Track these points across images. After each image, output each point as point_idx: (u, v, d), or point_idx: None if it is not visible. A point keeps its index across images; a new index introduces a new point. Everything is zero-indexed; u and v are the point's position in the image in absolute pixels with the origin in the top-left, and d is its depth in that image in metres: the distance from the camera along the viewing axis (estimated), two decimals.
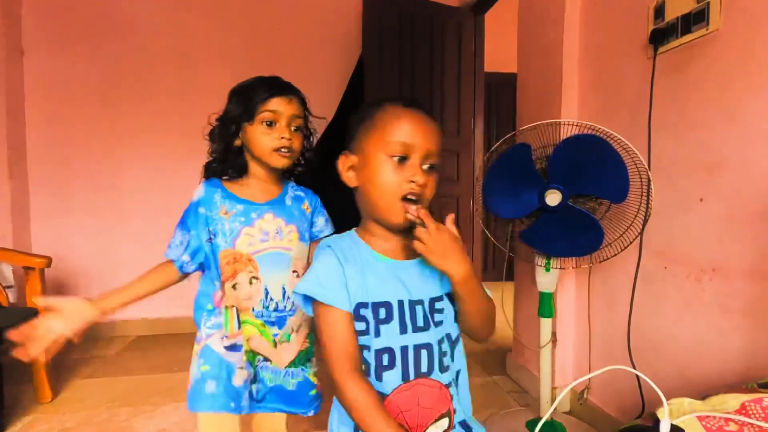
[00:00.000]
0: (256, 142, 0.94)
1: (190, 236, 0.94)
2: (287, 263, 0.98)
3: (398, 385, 0.67)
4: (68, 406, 1.75)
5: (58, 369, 1.87)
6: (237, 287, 0.95)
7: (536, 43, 1.82)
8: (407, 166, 0.67)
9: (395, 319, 0.68)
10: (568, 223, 1.30)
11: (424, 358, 0.69)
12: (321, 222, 1.07)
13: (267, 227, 0.97)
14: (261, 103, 0.93)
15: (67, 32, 2.52)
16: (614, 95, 1.49)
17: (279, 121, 0.94)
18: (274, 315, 0.97)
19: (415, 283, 0.70)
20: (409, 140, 0.67)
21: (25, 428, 1.59)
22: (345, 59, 2.80)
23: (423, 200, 0.68)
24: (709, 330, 1.17)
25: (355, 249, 0.71)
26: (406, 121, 0.68)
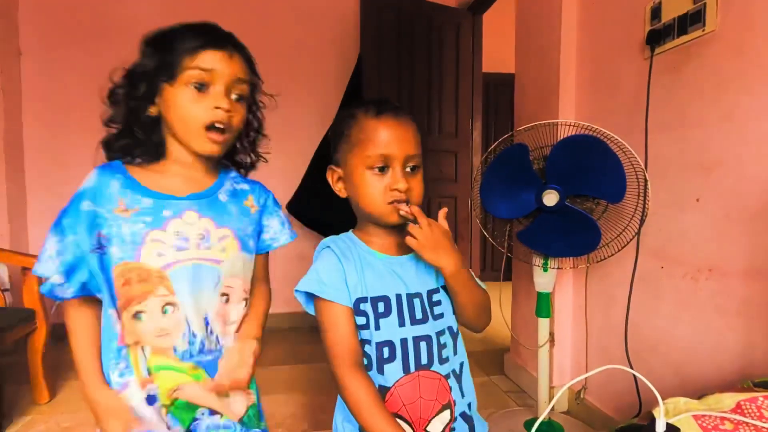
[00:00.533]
0: (179, 111, 0.68)
1: (64, 244, 0.66)
2: (214, 281, 0.71)
3: (400, 378, 0.69)
4: (66, 406, 1.75)
5: (55, 370, 1.86)
6: (142, 318, 0.67)
7: (534, 43, 1.82)
8: (388, 175, 0.70)
9: (394, 312, 0.70)
10: (566, 223, 1.30)
11: (423, 350, 0.70)
12: (275, 226, 0.81)
13: (186, 230, 0.70)
14: (188, 56, 0.67)
15: (64, 33, 2.51)
16: (611, 96, 1.50)
17: (214, 84, 0.68)
18: (202, 357, 0.71)
19: (411, 277, 0.73)
20: (386, 151, 0.69)
21: (23, 429, 1.59)
22: (344, 60, 2.80)
23: (412, 200, 0.71)
24: (706, 329, 1.17)
25: (353, 247, 0.73)
26: (379, 132, 0.69)
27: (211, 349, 0.72)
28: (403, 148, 0.70)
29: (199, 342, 0.71)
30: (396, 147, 0.69)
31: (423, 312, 0.72)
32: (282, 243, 0.83)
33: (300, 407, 1.72)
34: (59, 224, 0.67)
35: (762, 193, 1.03)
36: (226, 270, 0.73)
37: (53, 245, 0.67)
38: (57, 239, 0.67)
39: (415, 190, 0.71)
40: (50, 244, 0.67)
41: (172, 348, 0.69)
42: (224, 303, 0.74)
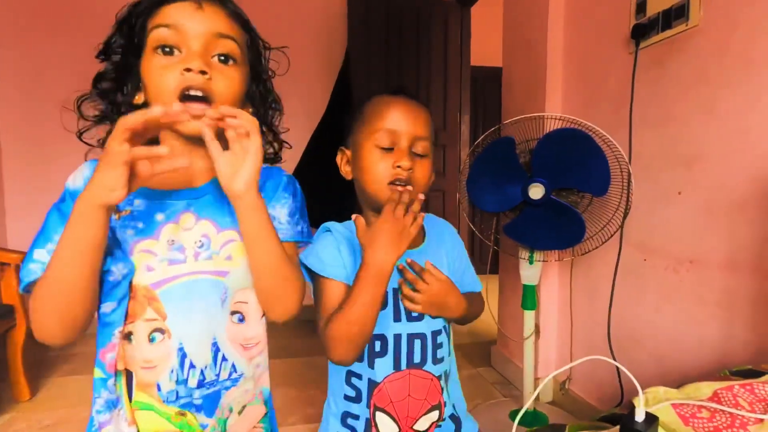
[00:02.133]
0: (150, 84, 0.55)
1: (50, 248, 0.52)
2: (221, 298, 0.59)
3: (390, 373, 0.68)
4: (47, 404, 1.72)
5: (36, 367, 1.83)
6: (132, 340, 0.57)
7: (521, 37, 1.82)
8: (394, 153, 0.68)
9: (390, 306, 0.69)
10: (551, 216, 1.31)
11: (417, 348, 0.69)
12: (279, 214, 0.63)
13: (182, 238, 0.58)
14: (150, 15, 0.55)
15: (39, 21, 2.43)
16: (597, 89, 1.51)
17: (185, 44, 0.54)
18: (200, 394, 0.58)
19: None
20: (394, 127, 0.68)
21: (4, 427, 1.55)
22: (331, 56, 2.77)
23: (414, 186, 0.68)
24: (687, 320, 1.20)
25: (351, 235, 0.71)
26: (390, 109, 0.69)
27: (218, 379, 0.59)
28: (412, 126, 0.68)
29: (198, 374, 0.58)
30: (405, 124, 0.68)
31: None
32: (285, 238, 0.62)
33: (288, 400, 1.72)
34: (45, 229, 0.55)
35: (742, 186, 1.05)
36: (234, 282, 0.59)
37: (43, 254, 0.53)
38: (48, 247, 0.53)
39: (419, 173, 0.69)
40: (39, 252, 0.53)
41: (156, 385, 0.57)
42: (238, 323, 0.61)
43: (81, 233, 0.48)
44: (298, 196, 0.67)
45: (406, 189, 0.67)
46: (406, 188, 0.67)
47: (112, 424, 0.58)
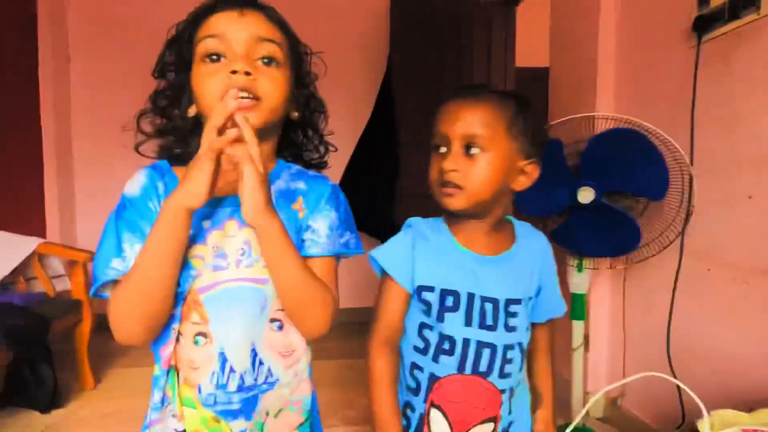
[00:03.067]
0: (199, 92, 0.58)
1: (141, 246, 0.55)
2: (261, 305, 0.60)
3: (453, 373, 0.68)
4: (108, 393, 1.84)
5: (99, 358, 1.96)
6: (180, 341, 0.59)
7: (569, 35, 1.75)
8: (444, 155, 0.67)
9: (462, 309, 0.68)
10: (602, 221, 1.25)
11: (485, 357, 0.68)
12: (320, 227, 0.63)
13: (225, 244, 0.59)
14: (197, 29, 0.59)
15: (109, 39, 2.64)
16: (654, 87, 1.42)
17: (230, 50, 0.56)
18: (238, 398, 0.59)
19: (490, 281, 0.69)
20: (443, 129, 0.67)
21: (71, 413, 1.68)
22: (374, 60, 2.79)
23: (466, 188, 0.65)
24: (757, 337, 1.09)
25: (436, 233, 0.71)
26: (443, 113, 0.68)
27: (256, 384, 0.61)
28: (461, 126, 0.65)
29: (238, 378, 0.59)
30: (452, 126, 0.66)
31: (494, 319, 0.68)
32: (322, 252, 0.62)
33: (328, 402, 1.74)
34: (118, 235, 0.58)
35: None
36: (274, 291, 0.60)
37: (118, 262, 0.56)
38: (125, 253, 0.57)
39: (467, 173, 0.64)
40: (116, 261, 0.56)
41: (197, 387, 0.59)
42: (277, 331, 0.62)
43: (167, 235, 0.53)
44: (342, 206, 0.67)
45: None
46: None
47: (161, 420, 0.60)
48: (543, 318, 0.77)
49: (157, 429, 0.60)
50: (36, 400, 1.62)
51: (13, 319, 1.52)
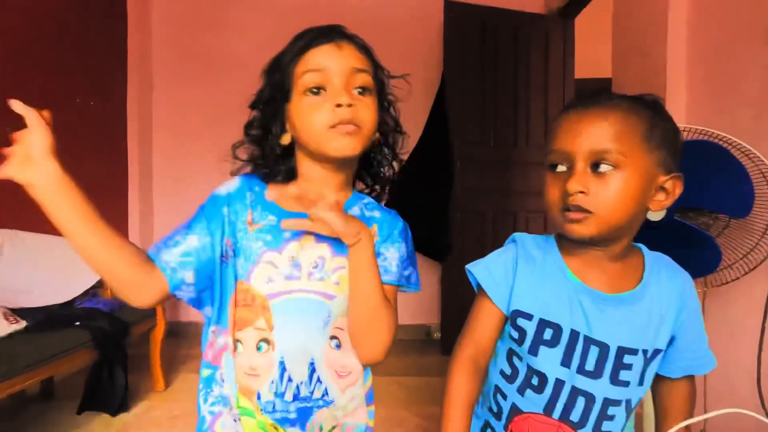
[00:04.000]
0: (301, 123, 0.61)
1: (199, 240, 0.59)
2: (325, 320, 0.61)
3: (538, 412, 0.61)
4: (177, 396, 1.97)
5: (169, 362, 2.11)
6: (239, 348, 0.61)
7: (634, 44, 1.67)
8: (567, 175, 0.57)
9: (561, 347, 0.60)
10: (676, 240, 1.15)
11: (579, 406, 0.59)
12: (391, 257, 0.65)
13: (300, 255, 0.61)
14: (296, 64, 0.61)
15: (187, 69, 2.92)
16: (732, 95, 1.30)
17: (330, 83, 0.60)
18: (294, 407, 0.61)
19: (601, 322, 0.59)
20: (563, 146, 0.57)
21: (143, 412, 1.82)
22: (429, 77, 2.83)
23: (595, 212, 0.55)
24: None
25: (544, 254, 0.64)
26: (562, 126, 0.59)
27: (311, 397, 0.61)
28: (586, 141, 0.55)
29: (294, 388, 0.60)
30: (577, 141, 0.56)
31: (598, 366, 0.59)
32: (391, 280, 0.64)
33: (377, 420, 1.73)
34: (195, 218, 0.62)
35: None
36: (338, 308, 0.62)
37: (181, 237, 0.60)
38: (187, 230, 0.60)
39: (600, 195, 0.55)
40: (180, 237, 0.60)
41: (257, 394, 0.60)
42: (335, 349, 0.63)
43: (52, 217, 0.54)
44: (410, 242, 0.68)
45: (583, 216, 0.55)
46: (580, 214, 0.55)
47: (224, 416, 0.63)
48: (678, 373, 0.64)
49: (224, 421, 0.62)
50: (107, 404, 1.76)
51: (100, 322, 1.69)
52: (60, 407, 1.83)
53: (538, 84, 2.67)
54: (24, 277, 1.77)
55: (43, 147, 0.49)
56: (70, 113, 2.30)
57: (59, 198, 0.51)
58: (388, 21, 2.86)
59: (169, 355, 2.08)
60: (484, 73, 2.59)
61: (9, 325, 1.47)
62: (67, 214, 0.51)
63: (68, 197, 0.51)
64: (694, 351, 0.64)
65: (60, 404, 1.85)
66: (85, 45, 2.41)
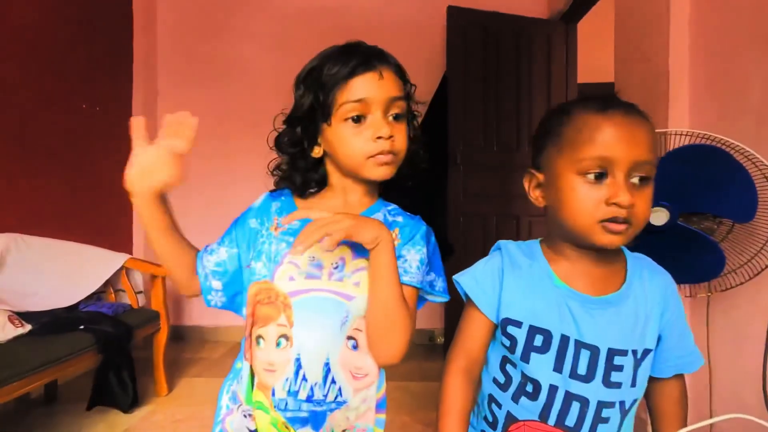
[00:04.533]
0: (342, 149, 0.64)
1: (227, 252, 0.68)
2: (342, 320, 0.63)
3: (533, 419, 0.61)
4: (180, 400, 1.97)
5: (172, 366, 2.11)
6: (261, 344, 0.64)
7: (636, 48, 1.67)
8: (606, 185, 0.55)
9: (552, 352, 0.60)
10: (679, 245, 1.15)
11: (574, 410, 0.60)
12: (412, 259, 0.65)
13: (322, 256, 0.64)
14: (338, 90, 0.62)
15: (192, 75, 2.94)
16: (736, 99, 1.30)
17: (370, 111, 0.63)
18: (307, 407, 0.62)
19: (590, 325, 0.60)
20: (607, 153, 0.55)
21: (147, 416, 1.82)
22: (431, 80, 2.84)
23: (634, 223, 0.56)
24: None
25: (530, 260, 0.64)
26: (602, 130, 0.56)
27: (325, 400, 0.62)
28: (631, 151, 0.54)
29: (308, 389, 0.61)
30: (621, 149, 0.54)
31: (590, 369, 0.60)
32: (410, 281, 0.64)
33: None
34: (226, 235, 0.70)
35: None
36: (356, 309, 0.63)
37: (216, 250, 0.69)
38: (218, 246, 0.70)
39: (639, 207, 0.55)
40: (215, 246, 0.70)
41: (272, 390, 0.62)
42: (351, 350, 0.64)
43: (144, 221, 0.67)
44: (432, 246, 0.69)
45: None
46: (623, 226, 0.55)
47: (234, 413, 0.66)
48: (668, 373, 0.65)
49: (233, 419, 0.66)
50: (119, 402, 1.78)
51: (104, 326, 1.70)
52: (64, 411, 1.83)
53: (540, 88, 2.68)
54: (29, 280, 1.78)
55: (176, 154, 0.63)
56: (76, 118, 2.32)
57: (154, 205, 0.64)
58: (391, 26, 2.88)
59: (172, 359, 2.08)
60: (487, 78, 2.60)
61: (14, 328, 1.48)
62: (155, 220, 0.65)
63: (160, 207, 0.65)
64: (681, 349, 0.65)
65: (64, 408, 1.86)
66: (91, 50, 2.44)
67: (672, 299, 0.65)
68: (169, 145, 0.62)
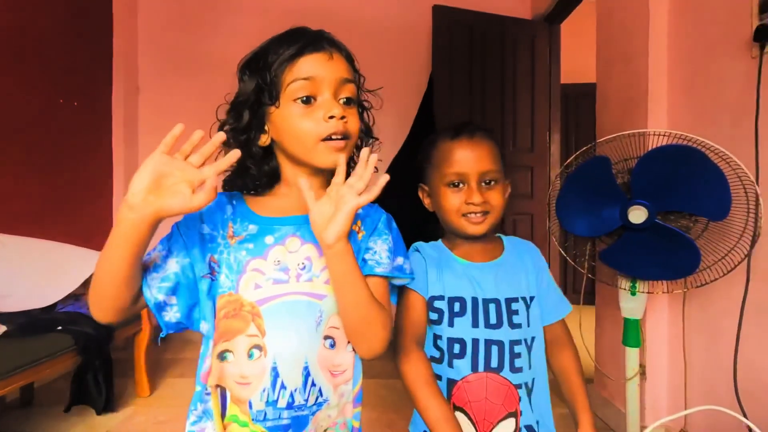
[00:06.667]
0: (290, 131, 0.61)
1: (178, 263, 0.60)
2: (317, 321, 0.61)
3: (468, 374, 0.73)
4: (162, 401, 1.94)
5: (154, 367, 2.08)
6: (227, 358, 0.60)
7: (617, 50, 1.71)
8: (464, 191, 0.77)
9: (468, 313, 0.75)
10: (657, 242, 1.18)
11: (494, 353, 0.74)
12: (380, 249, 0.64)
13: (287, 259, 0.61)
14: (284, 69, 0.60)
15: (173, 71, 2.88)
16: (711, 101, 1.34)
17: (320, 92, 0.60)
18: (288, 414, 0.60)
19: (488, 284, 0.77)
20: (461, 169, 0.76)
21: (128, 418, 1.79)
22: (416, 81, 2.85)
23: (492, 211, 0.77)
24: None
25: (437, 252, 0.81)
26: (454, 152, 0.77)
27: (306, 404, 0.61)
28: (477, 165, 0.76)
29: (288, 396, 0.60)
30: (470, 164, 0.76)
31: (498, 317, 0.75)
32: (384, 272, 0.64)
33: (368, 422, 1.73)
34: (171, 243, 0.61)
35: None
36: (329, 307, 0.62)
37: (164, 265, 0.60)
38: (165, 257, 0.60)
39: (492, 201, 0.77)
40: (160, 260, 0.60)
41: (248, 402, 0.59)
42: (329, 348, 0.63)
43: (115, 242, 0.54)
44: (395, 232, 0.69)
45: None
46: None
47: (207, 430, 0.62)
48: (551, 319, 0.83)
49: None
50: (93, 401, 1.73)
51: (83, 326, 1.66)
52: (40, 414, 1.79)
53: (524, 87, 2.71)
54: (4, 281, 1.73)
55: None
56: (52, 113, 2.26)
57: (148, 230, 0.52)
58: (376, 25, 2.88)
59: (154, 360, 2.04)
60: (472, 77, 2.62)
61: None
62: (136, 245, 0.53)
63: (150, 233, 0.53)
64: (553, 297, 0.83)
65: (40, 410, 1.81)
66: (70, 45, 2.38)
67: (539, 261, 0.84)
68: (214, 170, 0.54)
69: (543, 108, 2.74)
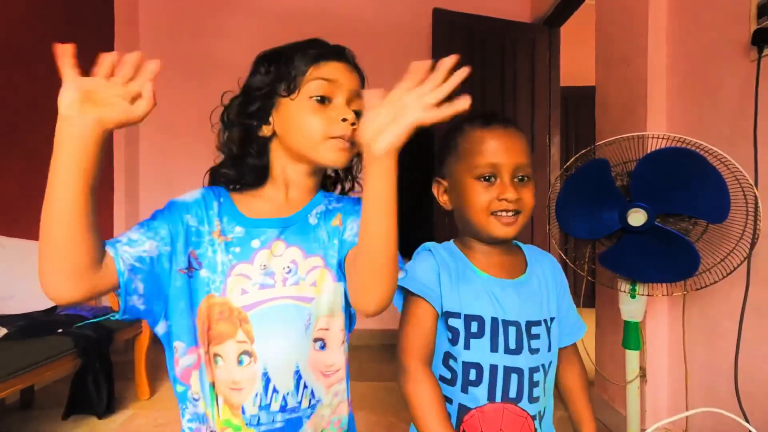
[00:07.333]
0: (299, 124, 0.61)
1: (158, 248, 0.56)
2: (305, 325, 0.61)
3: (485, 403, 0.66)
4: (162, 404, 1.93)
5: (155, 370, 2.08)
6: (219, 362, 0.59)
7: (616, 53, 1.71)
8: (496, 185, 0.68)
9: (487, 335, 0.67)
10: (656, 245, 1.18)
11: (513, 382, 0.67)
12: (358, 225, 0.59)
13: (273, 264, 0.61)
14: (310, 66, 0.62)
15: (174, 72, 2.89)
16: (710, 104, 1.35)
17: (336, 96, 0.62)
18: (282, 417, 0.60)
19: (511, 303, 0.69)
20: (494, 159, 0.68)
21: (127, 421, 1.78)
22: None
23: (523, 211, 0.69)
24: None
25: (453, 258, 0.72)
26: (487, 142, 0.69)
27: (300, 407, 0.61)
28: (512, 156, 0.68)
29: (281, 399, 0.60)
30: (505, 156, 0.68)
31: (518, 342, 0.68)
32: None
33: (368, 425, 1.72)
34: (153, 226, 0.57)
35: None
36: (318, 309, 0.62)
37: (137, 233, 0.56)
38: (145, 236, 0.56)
39: (525, 199, 0.68)
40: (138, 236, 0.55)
41: (241, 408, 0.59)
42: (319, 350, 0.62)
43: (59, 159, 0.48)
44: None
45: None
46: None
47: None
48: (567, 342, 0.77)
49: None
50: (93, 407, 1.73)
51: (83, 329, 1.66)
52: (40, 417, 1.78)
53: (524, 91, 2.72)
54: (5, 283, 1.73)
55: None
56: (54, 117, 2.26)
57: (94, 146, 0.46)
58: (376, 28, 2.89)
59: (154, 362, 2.04)
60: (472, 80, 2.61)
61: None
62: (83, 168, 0.45)
63: (98, 153, 0.46)
64: (572, 318, 0.77)
65: (40, 413, 1.81)
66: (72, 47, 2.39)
67: (560, 277, 0.77)
68: (145, 77, 0.51)
69: (543, 111, 2.75)
